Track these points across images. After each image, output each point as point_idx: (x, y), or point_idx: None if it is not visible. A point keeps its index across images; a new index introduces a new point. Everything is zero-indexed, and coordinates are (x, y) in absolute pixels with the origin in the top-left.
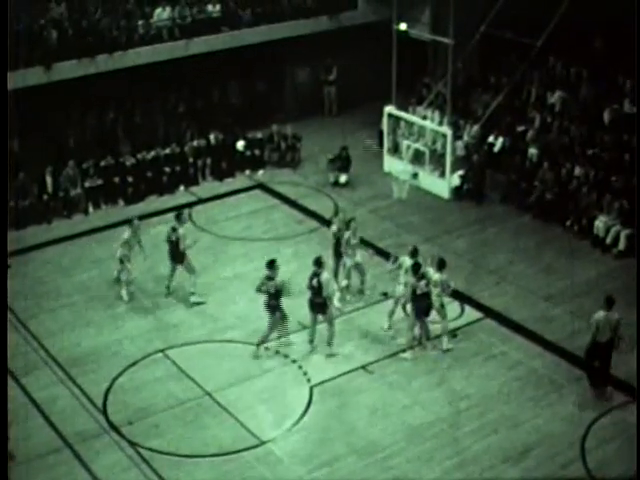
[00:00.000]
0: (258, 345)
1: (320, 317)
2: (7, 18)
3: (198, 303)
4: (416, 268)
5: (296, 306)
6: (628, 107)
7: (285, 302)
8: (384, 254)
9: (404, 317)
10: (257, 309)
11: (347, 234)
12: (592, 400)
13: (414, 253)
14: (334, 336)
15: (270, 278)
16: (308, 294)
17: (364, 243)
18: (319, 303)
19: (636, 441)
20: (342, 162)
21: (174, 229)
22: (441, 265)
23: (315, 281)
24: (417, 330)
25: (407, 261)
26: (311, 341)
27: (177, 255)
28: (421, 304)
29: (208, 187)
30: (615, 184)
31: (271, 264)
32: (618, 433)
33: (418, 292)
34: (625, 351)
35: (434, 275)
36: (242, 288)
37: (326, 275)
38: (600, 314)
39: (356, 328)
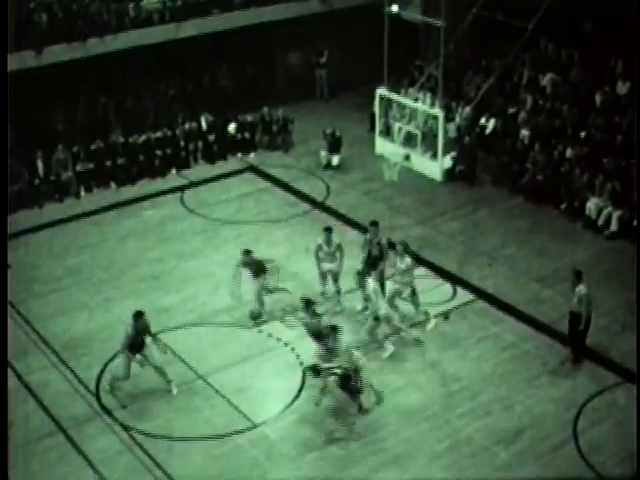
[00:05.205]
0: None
1: None
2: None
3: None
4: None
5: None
6: (620, 89)
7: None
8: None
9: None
10: (248, 292)
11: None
12: (584, 381)
13: None
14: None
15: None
16: None
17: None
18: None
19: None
20: (334, 143)
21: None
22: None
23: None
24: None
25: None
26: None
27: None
28: None
29: (200, 170)
30: (607, 166)
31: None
32: (610, 414)
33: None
34: None
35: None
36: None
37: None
38: (584, 287)
39: (348, 310)
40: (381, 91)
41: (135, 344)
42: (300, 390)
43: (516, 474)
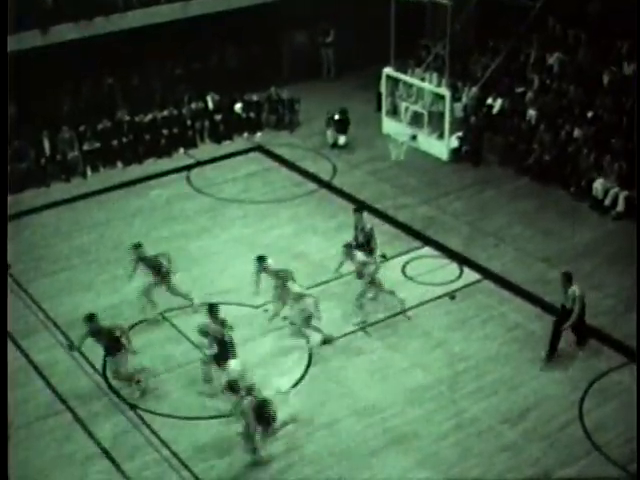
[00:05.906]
0: None
1: None
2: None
3: None
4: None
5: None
6: (626, 70)
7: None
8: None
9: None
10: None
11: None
12: (589, 362)
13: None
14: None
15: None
16: None
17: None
18: None
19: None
20: (341, 123)
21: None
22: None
23: None
24: None
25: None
26: None
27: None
28: None
29: (206, 149)
30: (614, 146)
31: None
32: (615, 395)
33: None
34: None
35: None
36: (240, 250)
37: None
38: (578, 288)
39: (354, 290)
40: (388, 70)
41: (106, 346)
42: (307, 369)
43: (522, 453)
